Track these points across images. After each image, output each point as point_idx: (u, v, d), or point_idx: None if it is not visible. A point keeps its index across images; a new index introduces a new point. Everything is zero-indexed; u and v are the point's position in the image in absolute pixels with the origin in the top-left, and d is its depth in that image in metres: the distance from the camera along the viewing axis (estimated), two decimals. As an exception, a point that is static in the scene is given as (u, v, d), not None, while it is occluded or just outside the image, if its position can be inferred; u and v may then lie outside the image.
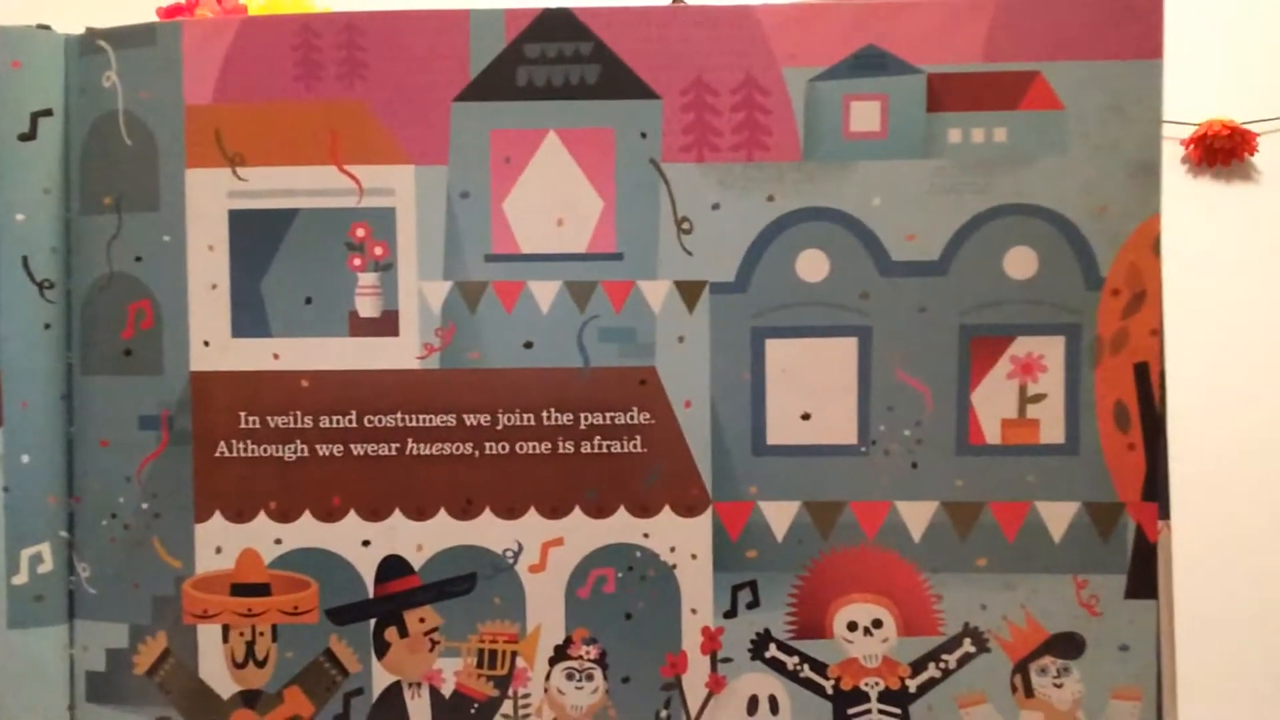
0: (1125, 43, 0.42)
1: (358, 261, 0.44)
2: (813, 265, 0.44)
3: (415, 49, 0.43)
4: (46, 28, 0.46)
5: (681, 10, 0.43)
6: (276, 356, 0.44)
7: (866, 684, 0.45)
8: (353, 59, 0.43)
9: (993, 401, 0.44)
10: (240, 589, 0.44)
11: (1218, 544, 0.88)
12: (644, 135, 0.43)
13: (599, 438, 0.44)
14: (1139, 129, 0.42)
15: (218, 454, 0.44)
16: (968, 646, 0.44)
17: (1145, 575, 0.44)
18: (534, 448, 0.44)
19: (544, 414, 0.44)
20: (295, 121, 0.44)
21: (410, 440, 0.44)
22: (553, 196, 0.43)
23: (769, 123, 0.43)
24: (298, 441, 0.44)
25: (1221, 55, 0.88)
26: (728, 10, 0.43)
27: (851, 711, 0.44)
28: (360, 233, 0.44)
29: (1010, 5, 0.42)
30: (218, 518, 0.44)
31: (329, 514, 0.44)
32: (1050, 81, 0.42)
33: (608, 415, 0.44)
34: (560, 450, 0.44)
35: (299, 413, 0.44)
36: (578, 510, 0.44)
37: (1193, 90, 0.88)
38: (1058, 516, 0.44)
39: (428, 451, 0.44)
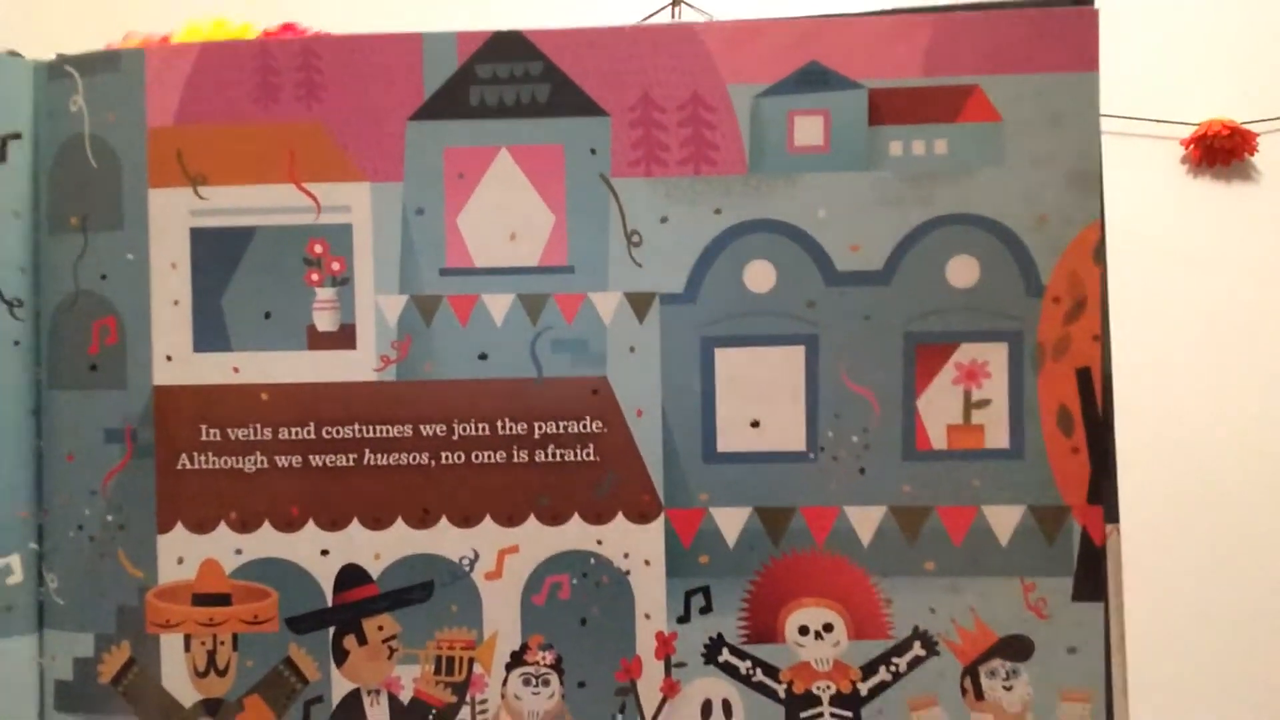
0: (1061, 56, 0.43)
1: (315, 277, 0.45)
2: (760, 276, 0.45)
3: (370, 71, 0.44)
4: (16, 55, 0.47)
5: (628, 31, 0.45)
6: (237, 370, 0.45)
7: (818, 687, 0.45)
8: (309, 81, 0.45)
9: (938, 407, 0.44)
10: (201, 599, 0.45)
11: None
12: (593, 151, 0.44)
13: (553, 446, 0.45)
14: (1076, 139, 0.43)
15: (179, 466, 0.45)
16: (917, 650, 0.45)
17: (1092, 578, 0.44)
18: (489, 457, 0.45)
19: (499, 424, 0.45)
20: (254, 142, 0.45)
21: (368, 451, 0.45)
22: (505, 212, 0.45)
23: (715, 138, 0.44)
24: (257, 453, 0.45)
25: (1221, 55, 0.88)
26: (673, 30, 0.44)
27: (804, 715, 0.45)
28: (318, 249, 0.45)
29: (948, 20, 0.44)
30: (180, 529, 0.45)
31: (288, 524, 0.45)
32: (988, 94, 0.43)
33: (561, 424, 0.45)
34: (515, 459, 0.45)
35: (259, 425, 0.45)
36: (532, 518, 0.45)
37: (1193, 90, 0.88)
38: (1004, 520, 0.44)
39: (385, 462, 0.45)
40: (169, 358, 0.45)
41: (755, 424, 0.45)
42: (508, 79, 0.44)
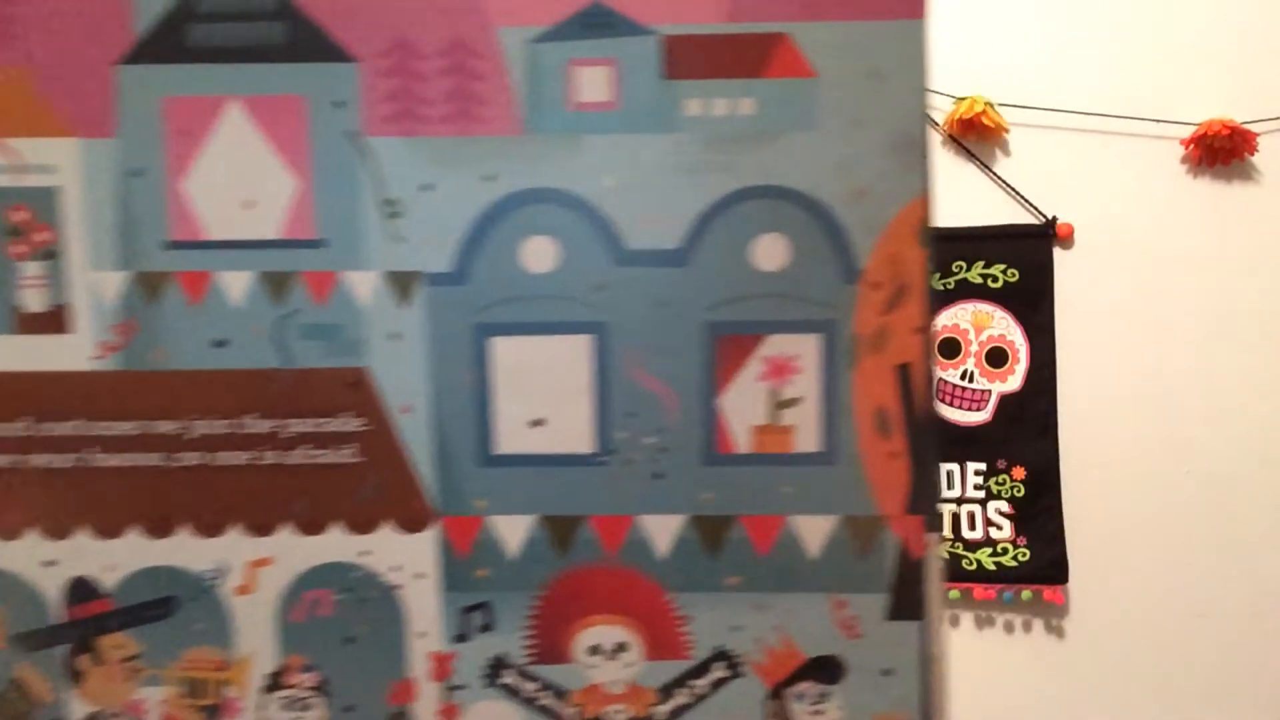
0: (884, 1, 0.37)
1: (20, 249, 0.39)
2: (540, 254, 0.39)
3: (73, 4, 0.37)
4: None
5: (385, -42, 0.38)
6: (-67, 357, 0.39)
7: (612, 711, 0.41)
8: (7, 15, 0.38)
9: (742, 406, 0.39)
10: (-94, 615, 0.40)
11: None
12: (340, 104, 0.38)
13: (306, 446, 0.39)
14: (900, 99, 0.37)
15: (-128, 467, 0.39)
16: (720, 671, 0.41)
17: (909, 595, 0.40)
18: (233, 458, 0.39)
19: (242, 420, 0.39)
20: (-56, 87, 0.38)
21: (92, 449, 0.39)
22: (239, 175, 0.38)
23: (483, 91, 0.38)
24: (-39, 453, 0.39)
25: (1221, 55, 0.87)
26: (438, -42, 0.37)
27: (593, 741, 0.41)
28: (20, 215, 0.38)
29: (756, -46, 0.37)
30: (-123, 537, 0.40)
31: (5, 531, 0.40)
32: (799, 44, 0.37)
33: (315, 421, 0.39)
34: (263, 460, 0.39)
35: (-39, 421, 0.39)
36: (287, 527, 0.40)
37: (1193, 90, 0.87)
38: (814, 531, 0.40)
39: (113, 462, 0.39)
40: None
41: (538, 423, 0.39)
42: (236, 15, 0.37)
